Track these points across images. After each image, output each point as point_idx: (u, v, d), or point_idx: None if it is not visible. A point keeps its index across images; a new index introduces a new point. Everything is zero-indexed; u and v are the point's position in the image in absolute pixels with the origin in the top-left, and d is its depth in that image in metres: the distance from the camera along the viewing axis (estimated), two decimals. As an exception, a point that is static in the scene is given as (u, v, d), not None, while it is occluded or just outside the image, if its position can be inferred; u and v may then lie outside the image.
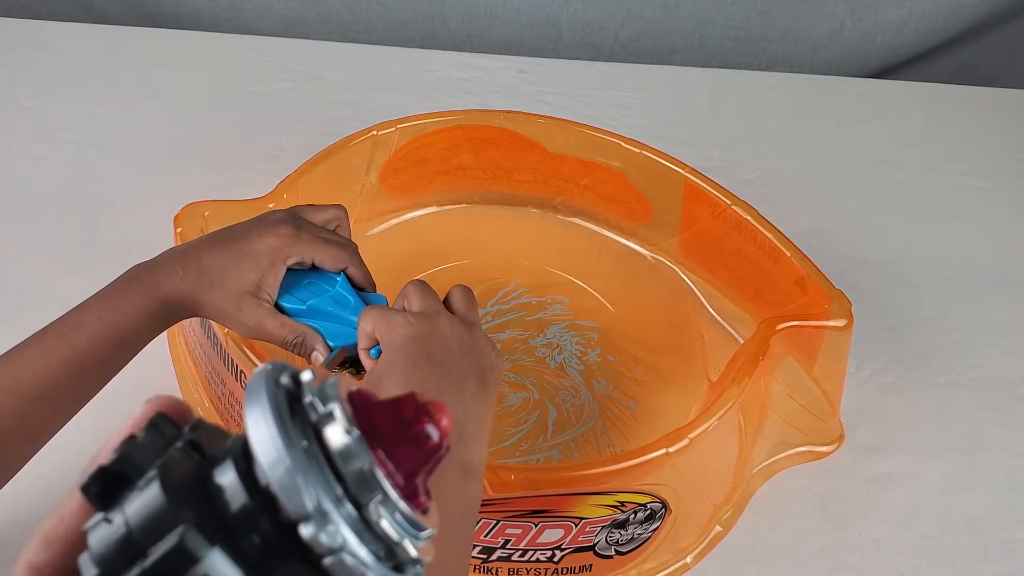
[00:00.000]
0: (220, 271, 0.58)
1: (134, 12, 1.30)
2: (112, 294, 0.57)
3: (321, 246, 0.61)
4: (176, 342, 0.79)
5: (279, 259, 0.59)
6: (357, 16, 1.31)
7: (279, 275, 0.59)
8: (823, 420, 0.77)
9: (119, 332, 0.56)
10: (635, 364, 0.83)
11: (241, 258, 0.58)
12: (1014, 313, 0.95)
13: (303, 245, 0.60)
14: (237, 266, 0.58)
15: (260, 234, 0.60)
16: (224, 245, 0.59)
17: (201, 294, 0.58)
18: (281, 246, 0.59)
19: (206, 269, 0.58)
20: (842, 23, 1.32)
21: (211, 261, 0.58)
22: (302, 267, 0.61)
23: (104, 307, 0.56)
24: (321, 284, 0.61)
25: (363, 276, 0.63)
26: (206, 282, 0.58)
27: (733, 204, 0.83)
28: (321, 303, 0.60)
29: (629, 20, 1.33)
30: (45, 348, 0.55)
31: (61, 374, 0.54)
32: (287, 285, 0.60)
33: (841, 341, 0.75)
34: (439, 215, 0.95)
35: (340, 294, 0.61)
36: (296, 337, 0.59)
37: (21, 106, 1.06)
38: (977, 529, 0.75)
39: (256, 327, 0.59)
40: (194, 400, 0.75)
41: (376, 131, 0.86)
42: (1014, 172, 1.13)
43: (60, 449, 0.71)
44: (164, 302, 0.57)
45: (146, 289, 0.57)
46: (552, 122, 0.90)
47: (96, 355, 0.55)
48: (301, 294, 0.60)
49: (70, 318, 0.56)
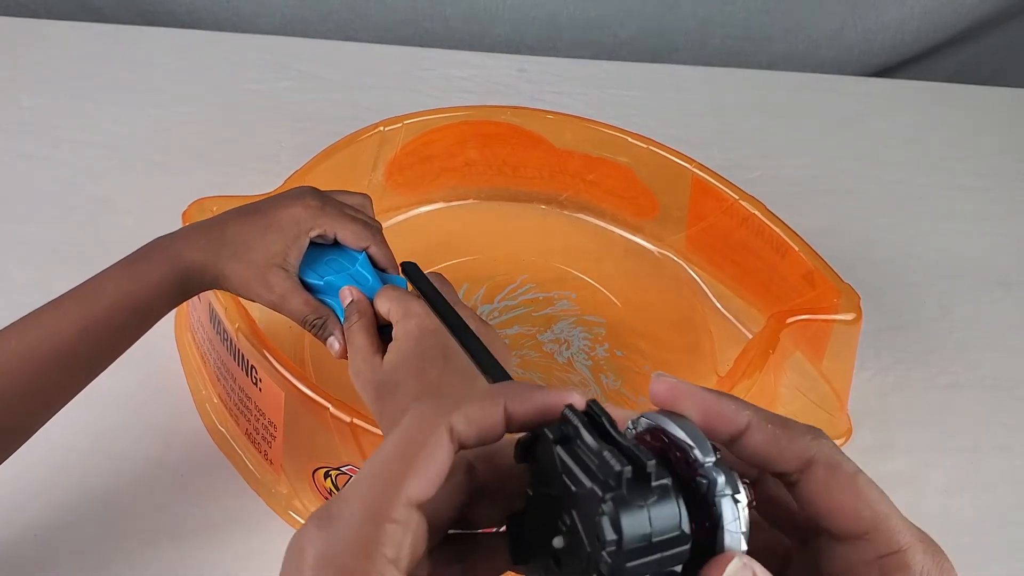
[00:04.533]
0: (245, 241, 0.58)
1: (134, 11, 1.30)
2: (132, 262, 0.57)
3: (345, 222, 0.60)
4: (184, 339, 0.79)
5: (303, 231, 0.59)
6: (357, 14, 1.31)
7: (302, 247, 0.59)
8: (831, 414, 0.77)
9: (136, 300, 0.55)
10: (643, 359, 0.83)
11: (267, 228, 0.58)
12: (1014, 313, 0.95)
13: (327, 219, 0.59)
14: (263, 236, 0.58)
15: (286, 204, 0.59)
16: (249, 216, 0.59)
17: (224, 264, 0.57)
18: (305, 217, 0.59)
19: (231, 238, 0.58)
20: (843, 22, 1.33)
21: (236, 230, 0.58)
22: (324, 242, 0.61)
23: (123, 275, 0.56)
24: (342, 261, 0.60)
25: (385, 257, 0.62)
26: (229, 251, 0.57)
27: (740, 199, 0.83)
28: (339, 280, 0.59)
29: (629, 19, 1.33)
30: (61, 314, 0.54)
31: (76, 340, 0.54)
32: (308, 260, 0.60)
33: (849, 335, 0.75)
34: (445, 211, 0.95)
35: (359, 272, 0.60)
36: (318, 318, 0.59)
37: (21, 106, 1.05)
38: (978, 529, 0.75)
39: (280, 299, 0.58)
40: (202, 397, 0.75)
41: (383, 127, 0.86)
42: (1014, 172, 1.13)
43: (61, 449, 0.71)
44: (184, 271, 0.57)
45: (167, 257, 0.57)
46: (559, 118, 0.90)
47: (111, 323, 0.55)
48: (321, 269, 0.60)
49: (88, 285, 0.56)
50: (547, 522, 0.28)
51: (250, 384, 0.67)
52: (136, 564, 0.65)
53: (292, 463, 0.67)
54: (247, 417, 0.69)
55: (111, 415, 0.73)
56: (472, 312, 0.56)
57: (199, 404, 0.75)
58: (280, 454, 0.67)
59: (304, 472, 0.67)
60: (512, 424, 0.28)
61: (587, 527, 0.26)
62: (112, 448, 0.71)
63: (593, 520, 0.25)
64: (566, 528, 0.27)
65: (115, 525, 0.67)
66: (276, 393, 0.64)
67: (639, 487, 0.25)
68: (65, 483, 0.69)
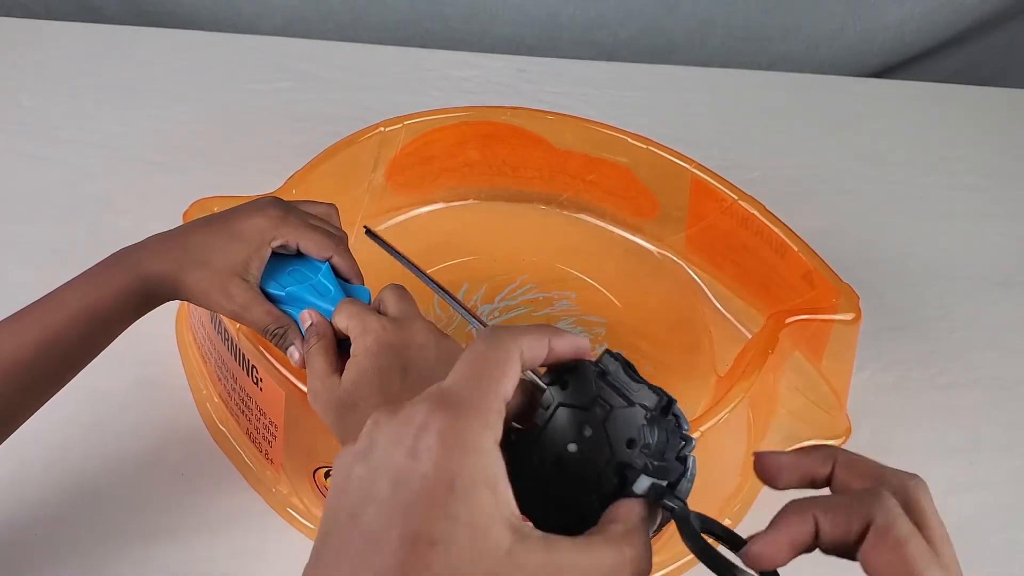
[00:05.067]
0: (207, 249, 0.57)
1: (134, 11, 1.30)
2: (93, 273, 0.57)
3: (308, 232, 0.60)
4: (184, 338, 0.79)
5: (265, 241, 0.58)
6: (357, 15, 1.31)
7: (264, 257, 0.58)
8: (830, 414, 0.77)
9: (97, 311, 0.55)
10: (642, 359, 0.83)
11: (229, 237, 0.58)
12: (1014, 313, 0.95)
13: (289, 228, 0.59)
14: (225, 245, 0.57)
15: (248, 214, 0.59)
16: (211, 226, 0.59)
17: (185, 273, 0.57)
18: (267, 227, 0.58)
19: (192, 247, 0.57)
20: (843, 22, 1.33)
21: (197, 240, 0.58)
22: (287, 252, 0.60)
23: (86, 284, 0.56)
24: (304, 271, 0.60)
25: (349, 267, 0.61)
26: (192, 260, 0.57)
27: (740, 199, 0.83)
28: (301, 291, 0.59)
29: (629, 19, 1.33)
30: (21, 327, 0.54)
31: (37, 354, 0.54)
32: (270, 270, 0.59)
33: (849, 335, 0.75)
34: (445, 211, 0.95)
35: (321, 283, 0.59)
36: (279, 327, 0.58)
37: (21, 106, 1.05)
38: (978, 529, 0.75)
39: (242, 309, 0.58)
40: (203, 396, 0.75)
41: (383, 127, 0.86)
42: (1014, 172, 1.14)
43: (61, 448, 0.71)
44: (144, 280, 0.56)
45: (127, 267, 0.56)
46: (558, 118, 0.90)
47: (72, 334, 0.55)
48: (283, 279, 0.59)
49: (49, 297, 0.56)
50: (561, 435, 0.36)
51: (251, 384, 0.67)
52: (137, 562, 0.65)
53: (293, 462, 0.67)
54: (248, 416, 0.69)
55: (112, 414, 0.73)
56: (432, 324, 0.55)
57: (199, 403, 0.75)
58: (281, 453, 0.67)
59: (305, 471, 0.67)
60: (551, 356, 0.36)
61: (617, 436, 0.35)
62: (113, 447, 0.71)
63: (632, 428, 0.35)
64: (584, 438, 0.36)
65: (116, 524, 0.67)
66: (277, 393, 0.64)
67: (662, 415, 0.36)
68: (66, 482, 0.69)
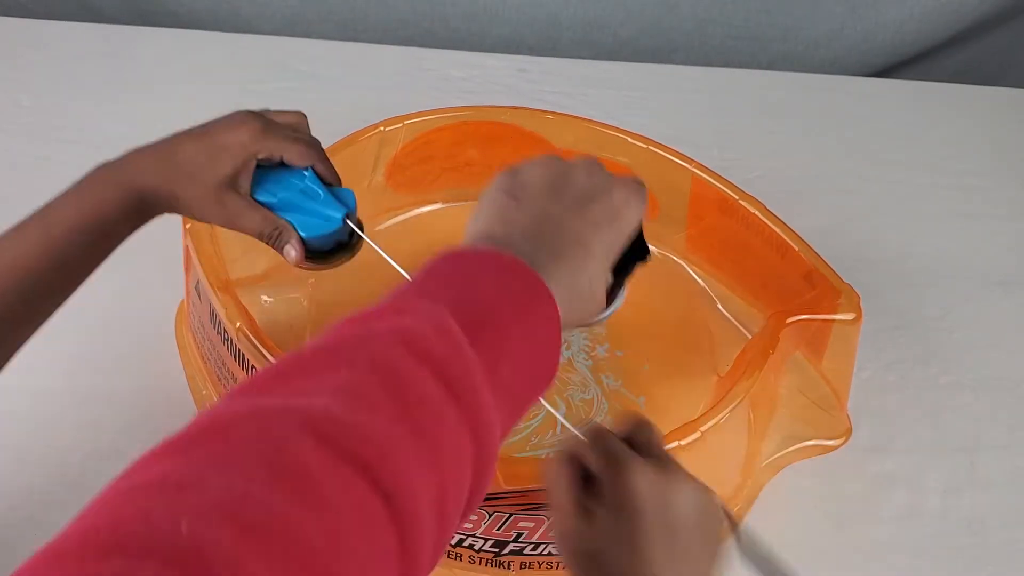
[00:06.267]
0: (196, 164, 0.58)
1: (134, 11, 1.30)
2: (83, 189, 0.56)
3: (289, 143, 0.61)
4: (184, 339, 0.79)
5: (250, 153, 0.59)
6: (356, 14, 1.31)
7: (251, 169, 0.60)
8: (831, 414, 0.77)
9: (97, 223, 0.55)
10: (643, 359, 0.83)
11: (217, 151, 0.59)
12: (1014, 313, 0.95)
13: (272, 141, 0.60)
14: (213, 159, 0.58)
15: (229, 128, 0.60)
16: (196, 139, 0.59)
17: (178, 187, 0.58)
18: (250, 141, 0.59)
19: (182, 162, 0.58)
20: (843, 22, 1.33)
21: (186, 155, 0.58)
22: (270, 163, 0.62)
23: (80, 200, 0.56)
24: (289, 179, 0.62)
25: (329, 172, 0.63)
26: (183, 175, 0.58)
27: (740, 199, 0.83)
28: (292, 196, 0.61)
29: (629, 19, 1.33)
30: (22, 239, 0.54)
31: (38, 264, 0.54)
32: (257, 179, 0.61)
33: (849, 335, 0.75)
34: (445, 212, 0.95)
35: (310, 187, 0.61)
36: (274, 230, 0.60)
37: (21, 106, 1.05)
38: (978, 529, 0.75)
39: (236, 216, 0.59)
40: (203, 396, 0.75)
41: (383, 127, 0.86)
42: (1014, 172, 1.14)
43: (61, 448, 0.71)
44: (139, 195, 0.57)
45: (118, 184, 0.57)
46: (558, 118, 0.90)
47: (73, 245, 0.55)
48: (272, 188, 0.61)
49: (46, 211, 0.56)
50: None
51: (250, 384, 0.67)
52: (136, 563, 0.65)
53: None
54: (247, 417, 0.69)
55: (112, 414, 0.73)
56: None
57: (199, 404, 0.75)
58: (280, 454, 0.67)
59: (304, 472, 0.66)
60: None
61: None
62: (113, 447, 0.71)
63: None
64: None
65: (115, 524, 0.67)
66: (276, 393, 0.64)
67: None
68: (66, 482, 0.69)
